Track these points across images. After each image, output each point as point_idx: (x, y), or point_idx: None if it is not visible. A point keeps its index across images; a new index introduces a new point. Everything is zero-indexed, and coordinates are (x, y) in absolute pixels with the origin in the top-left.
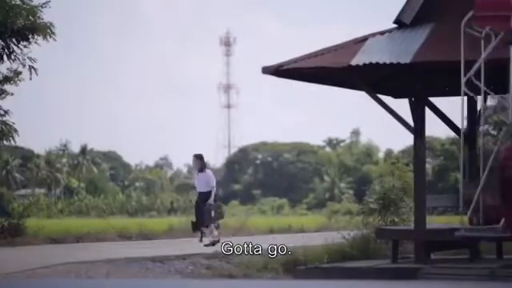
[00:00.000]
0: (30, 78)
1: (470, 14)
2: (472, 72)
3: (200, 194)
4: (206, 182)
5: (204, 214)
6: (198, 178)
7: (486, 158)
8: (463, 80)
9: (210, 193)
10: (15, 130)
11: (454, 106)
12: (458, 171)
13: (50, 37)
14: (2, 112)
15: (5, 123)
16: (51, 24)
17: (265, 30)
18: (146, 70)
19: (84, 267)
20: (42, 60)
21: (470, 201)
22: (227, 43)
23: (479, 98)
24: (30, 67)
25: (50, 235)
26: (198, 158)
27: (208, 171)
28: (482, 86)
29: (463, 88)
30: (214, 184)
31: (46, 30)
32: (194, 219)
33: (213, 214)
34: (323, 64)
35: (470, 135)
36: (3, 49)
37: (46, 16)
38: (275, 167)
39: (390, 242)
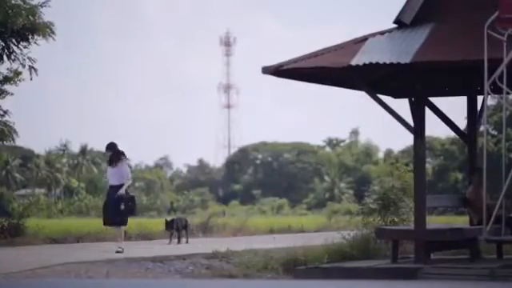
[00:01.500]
0: (31, 78)
1: (493, 16)
2: (497, 73)
3: (111, 187)
4: (120, 173)
5: (112, 208)
6: (111, 169)
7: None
8: (487, 81)
9: (122, 186)
10: (15, 131)
11: (453, 106)
12: (457, 171)
13: (50, 36)
14: (2, 112)
15: (5, 123)
16: (51, 24)
17: (265, 30)
18: (146, 70)
19: (84, 267)
20: (42, 60)
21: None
22: (227, 43)
23: (490, 98)
24: (30, 67)
25: (50, 235)
26: (108, 148)
27: (123, 163)
28: (504, 87)
29: (487, 88)
30: (130, 176)
31: (45, 30)
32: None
33: (122, 206)
34: (323, 64)
35: (469, 135)
36: (3, 49)
37: (46, 16)
38: (275, 167)
39: (389, 242)
